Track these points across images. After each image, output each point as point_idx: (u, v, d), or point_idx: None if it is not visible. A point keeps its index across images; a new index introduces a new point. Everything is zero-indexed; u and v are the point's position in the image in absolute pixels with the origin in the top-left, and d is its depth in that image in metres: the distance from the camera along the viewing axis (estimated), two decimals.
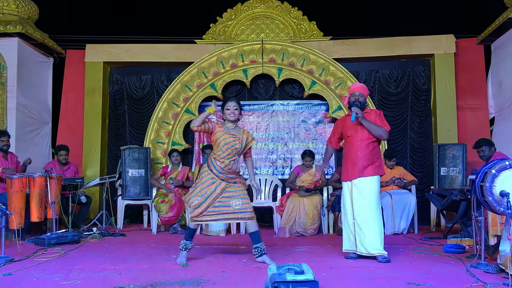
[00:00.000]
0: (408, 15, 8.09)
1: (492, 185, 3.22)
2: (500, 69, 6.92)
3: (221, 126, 4.03)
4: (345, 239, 4.18)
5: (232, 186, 3.99)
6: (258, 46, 7.33)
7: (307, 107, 7.62)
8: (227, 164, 3.94)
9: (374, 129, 4.09)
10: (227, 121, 4.04)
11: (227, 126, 4.03)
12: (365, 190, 4.05)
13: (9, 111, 6.70)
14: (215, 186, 3.94)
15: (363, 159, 4.09)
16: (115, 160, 7.46)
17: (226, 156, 3.94)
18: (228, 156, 3.94)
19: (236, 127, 4.07)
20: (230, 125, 4.04)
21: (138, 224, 6.91)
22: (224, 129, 4.00)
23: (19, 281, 3.26)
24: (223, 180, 3.95)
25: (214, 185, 3.94)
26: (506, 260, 3.17)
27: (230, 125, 4.04)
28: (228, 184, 3.97)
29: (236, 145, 3.96)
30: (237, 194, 3.98)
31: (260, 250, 3.91)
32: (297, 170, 6.39)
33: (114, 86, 7.67)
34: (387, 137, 4.19)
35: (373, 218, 4.02)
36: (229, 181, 3.98)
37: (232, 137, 3.96)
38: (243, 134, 4.05)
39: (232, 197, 3.96)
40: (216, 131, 3.98)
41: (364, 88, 4.32)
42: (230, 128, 4.03)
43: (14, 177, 4.83)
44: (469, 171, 6.04)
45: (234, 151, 3.96)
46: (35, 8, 7.18)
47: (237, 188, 4.00)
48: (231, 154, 3.95)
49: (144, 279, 3.25)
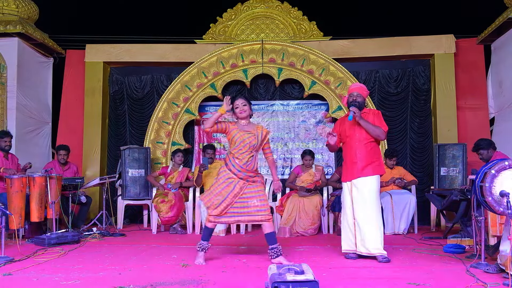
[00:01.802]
0: (408, 15, 8.09)
1: (491, 185, 3.22)
2: (500, 69, 6.92)
3: (235, 124, 4.04)
4: (344, 239, 4.18)
5: (251, 185, 3.96)
6: (258, 46, 7.33)
7: (307, 107, 7.62)
8: (246, 161, 3.93)
9: (372, 129, 4.09)
10: (239, 119, 4.05)
11: (241, 124, 4.04)
12: (365, 189, 4.05)
13: (9, 111, 6.70)
14: (234, 184, 3.92)
15: (362, 159, 4.09)
16: (115, 160, 7.47)
17: (245, 153, 3.93)
18: (246, 152, 3.94)
19: (249, 123, 4.08)
20: (243, 122, 4.05)
21: (138, 224, 6.91)
22: (238, 126, 4.01)
23: (19, 281, 3.26)
24: (241, 178, 3.93)
25: (232, 184, 3.92)
26: (506, 260, 3.17)
27: (243, 122, 4.05)
28: (247, 182, 3.95)
29: (252, 141, 3.95)
30: (257, 194, 3.96)
31: (277, 251, 3.90)
32: (297, 170, 6.39)
33: (114, 86, 7.67)
34: (385, 137, 4.19)
35: (373, 217, 4.02)
36: (248, 179, 3.95)
37: (247, 134, 3.97)
38: (257, 129, 4.05)
39: (250, 197, 3.94)
40: (231, 129, 3.98)
41: (363, 88, 4.32)
42: (244, 125, 4.04)
43: (14, 177, 4.83)
44: (469, 171, 6.04)
45: (251, 148, 3.95)
46: (35, 8, 7.18)
47: (256, 188, 3.97)
48: (249, 150, 3.95)
49: (144, 279, 3.25)
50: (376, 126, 4.11)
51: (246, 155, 3.94)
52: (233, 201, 3.92)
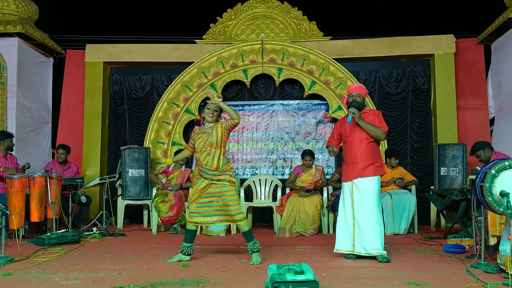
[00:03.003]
0: (408, 15, 8.09)
1: (491, 186, 3.22)
2: (500, 69, 6.91)
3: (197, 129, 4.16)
4: (341, 239, 4.16)
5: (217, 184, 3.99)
6: (258, 46, 7.33)
7: (307, 107, 7.62)
8: (204, 159, 3.98)
9: (372, 130, 4.09)
10: (206, 122, 4.12)
11: (204, 126, 4.13)
12: (366, 190, 4.05)
13: (9, 111, 6.70)
14: (200, 182, 4.01)
15: (362, 159, 4.09)
16: (115, 160, 7.47)
17: (202, 151, 4.00)
18: (202, 150, 4.00)
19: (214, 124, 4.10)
20: (207, 125, 4.11)
21: (138, 224, 6.91)
22: (199, 130, 4.11)
23: (19, 281, 3.26)
24: (206, 178, 4.00)
25: (197, 183, 4.02)
26: (506, 260, 3.17)
27: (208, 125, 4.10)
28: (212, 182, 4.00)
29: (208, 139, 3.99)
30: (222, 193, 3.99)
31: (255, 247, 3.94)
32: (297, 170, 6.39)
33: (114, 86, 7.67)
34: (385, 137, 4.18)
35: (374, 218, 4.02)
36: (212, 178, 3.99)
37: (204, 134, 4.04)
38: (215, 126, 4.05)
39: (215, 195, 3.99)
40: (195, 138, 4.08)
41: (362, 88, 4.30)
42: (206, 127, 4.10)
43: (14, 177, 4.83)
44: (469, 171, 6.04)
45: (206, 144, 3.99)
46: (35, 8, 7.18)
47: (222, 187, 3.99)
48: (204, 147, 3.99)
49: (144, 279, 3.25)
50: (375, 126, 4.11)
51: (204, 154, 3.99)
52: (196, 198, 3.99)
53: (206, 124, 4.11)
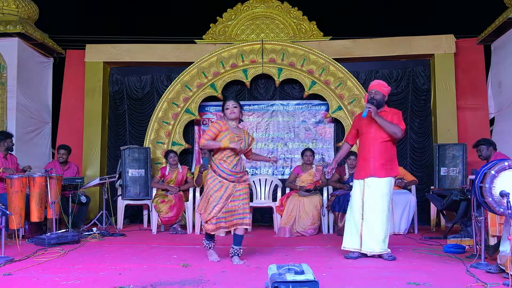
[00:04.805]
0: (408, 15, 8.09)
1: (491, 186, 3.22)
2: (500, 69, 6.92)
3: (226, 124, 4.00)
4: (348, 237, 4.17)
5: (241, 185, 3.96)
6: (258, 46, 7.33)
7: (307, 107, 7.62)
8: (234, 165, 3.92)
9: (388, 126, 4.05)
10: (229, 120, 4.03)
11: (230, 125, 4.01)
12: (378, 191, 4.05)
13: (9, 111, 6.70)
14: (225, 188, 3.90)
15: (375, 157, 4.07)
16: (115, 160, 7.47)
17: (232, 156, 3.92)
18: (233, 156, 3.93)
19: (237, 127, 4.07)
20: (232, 124, 4.03)
21: (138, 224, 6.91)
22: (229, 128, 3.98)
23: (19, 281, 3.26)
24: (232, 181, 3.92)
25: (223, 188, 3.90)
26: (506, 260, 3.17)
27: (232, 123, 4.03)
28: (238, 184, 3.95)
29: (240, 144, 3.94)
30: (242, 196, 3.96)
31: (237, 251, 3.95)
32: (297, 170, 6.39)
33: (114, 86, 7.67)
34: (402, 135, 4.13)
35: (384, 219, 4.05)
36: (239, 180, 3.96)
37: (237, 137, 3.95)
38: (244, 134, 4.05)
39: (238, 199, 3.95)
40: (223, 129, 3.94)
41: (381, 85, 4.26)
42: (233, 127, 4.02)
43: (14, 177, 4.82)
44: (469, 171, 6.04)
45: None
46: (35, 8, 7.18)
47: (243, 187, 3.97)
48: (235, 154, 3.95)
49: (144, 279, 3.25)
50: (392, 123, 4.07)
51: (233, 159, 3.93)
52: (225, 204, 3.91)
53: (230, 123, 4.00)
